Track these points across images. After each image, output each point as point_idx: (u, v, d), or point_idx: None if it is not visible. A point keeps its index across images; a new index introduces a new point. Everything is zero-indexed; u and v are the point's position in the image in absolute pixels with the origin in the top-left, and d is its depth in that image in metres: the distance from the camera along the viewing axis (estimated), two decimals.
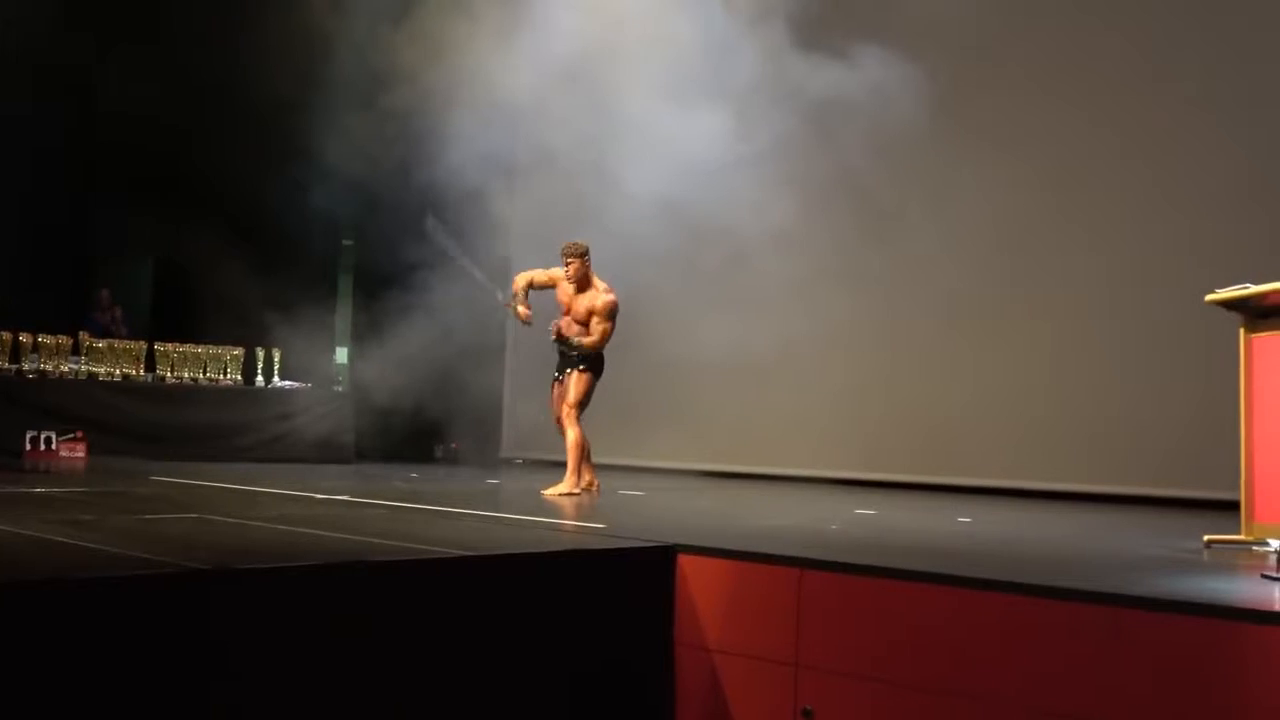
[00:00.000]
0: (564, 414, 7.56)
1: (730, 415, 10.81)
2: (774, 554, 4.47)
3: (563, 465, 7.68)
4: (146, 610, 3.26)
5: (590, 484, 7.76)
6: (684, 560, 4.59)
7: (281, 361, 11.30)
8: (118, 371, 10.55)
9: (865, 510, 7.20)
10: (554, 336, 7.58)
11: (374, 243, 12.12)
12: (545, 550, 4.49)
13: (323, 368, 12.13)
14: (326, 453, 10.87)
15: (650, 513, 6.76)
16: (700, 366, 10.67)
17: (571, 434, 7.57)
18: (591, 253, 7.60)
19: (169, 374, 10.76)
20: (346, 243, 13.13)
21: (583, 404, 7.58)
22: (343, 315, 13.08)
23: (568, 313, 7.66)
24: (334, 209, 11.42)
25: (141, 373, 10.68)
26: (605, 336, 7.54)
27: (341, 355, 12.96)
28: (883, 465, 9.90)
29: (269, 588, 3.54)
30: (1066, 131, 9.26)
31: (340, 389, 11.87)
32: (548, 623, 4.23)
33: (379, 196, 11.03)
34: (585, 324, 7.60)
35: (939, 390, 9.76)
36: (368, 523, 5.40)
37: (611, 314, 7.54)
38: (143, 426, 10.20)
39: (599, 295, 7.56)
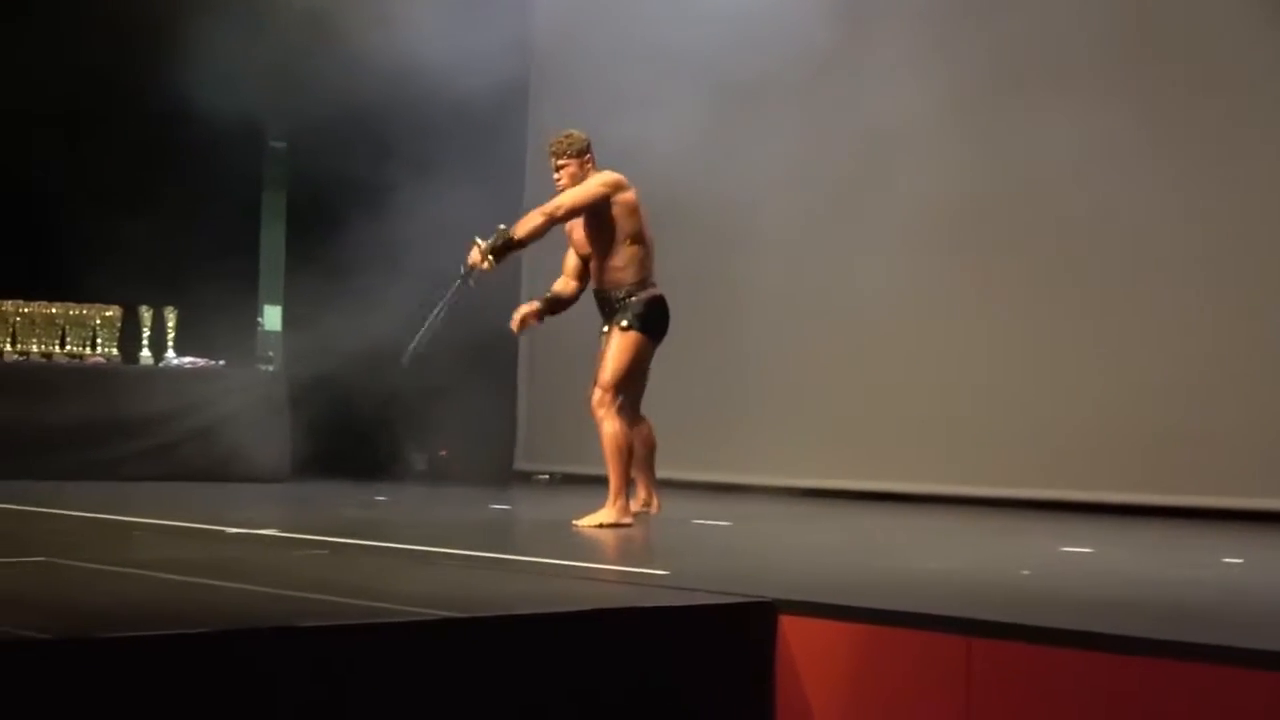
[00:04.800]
0: (595, 400, 7.55)
1: (848, 413, 10.96)
2: (929, 614, 4.43)
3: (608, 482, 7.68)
4: None
5: (648, 504, 7.74)
6: (789, 624, 4.57)
7: (179, 326, 11.32)
8: None
9: (1075, 548, 7.17)
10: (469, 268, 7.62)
11: (318, 145, 12.10)
12: (572, 610, 4.45)
13: (243, 336, 12.15)
14: (248, 465, 10.90)
15: (738, 552, 6.82)
16: (803, 347, 11.01)
17: (608, 428, 7.55)
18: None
19: (8, 347, 10.83)
20: (276, 145, 13.11)
21: (623, 383, 7.56)
22: (271, 257, 13.08)
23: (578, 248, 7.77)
24: (255, 97, 11.40)
25: None
26: (586, 199, 7.60)
27: (271, 317, 12.99)
28: (1078, 479, 10.04)
29: (137, 667, 3.50)
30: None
31: (270, 368, 11.89)
32: (577, 717, 4.18)
33: (323, 77, 11.01)
34: (602, 257, 7.68)
35: (1148, 378, 9.89)
36: (300, 570, 5.41)
37: (598, 182, 7.64)
38: None
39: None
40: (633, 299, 7.64)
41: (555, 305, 7.96)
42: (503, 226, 7.59)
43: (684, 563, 5.95)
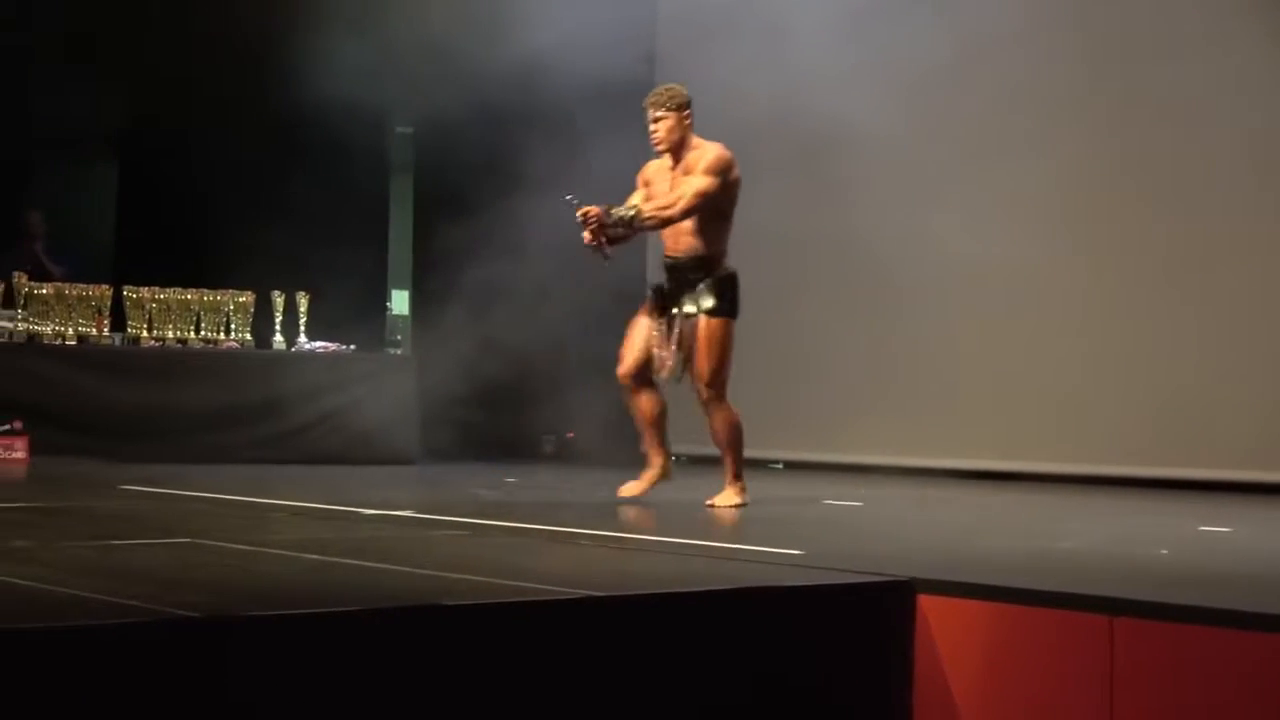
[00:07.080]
0: (705, 398, 7.42)
1: (978, 393, 10.90)
2: (1069, 593, 4.41)
3: (746, 461, 7.69)
4: (112, 676, 3.29)
5: (666, 471, 7.69)
6: (927, 603, 4.57)
7: (311, 312, 11.44)
8: (70, 331, 10.81)
9: (1213, 527, 7.10)
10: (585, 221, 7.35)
11: (442, 129, 12.16)
12: (712, 589, 4.46)
13: (372, 320, 12.24)
14: (379, 448, 10.99)
15: (871, 532, 6.79)
16: (932, 326, 10.97)
17: (722, 416, 7.47)
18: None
19: (144, 333, 10.99)
20: (402, 130, 13.19)
21: (726, 375, 7.42)
22: (400, 240, 13.18)
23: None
24: (380, 83, 11.49)
25: (105, 333, 10.93)
26: (700, 198, 7.25)
27: (400, 302, 13.08)
28: (1212, 458, 9.96)
29: (291, 644, 3.56)
30: None
31: (399, 352, 11.99)
32: (714, 697, 4.21)
33: (445, 60, 11.06)
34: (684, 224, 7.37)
35: None
36: (440, 550, 5.46)
37: (720, 168, 7.30)
38: (107, 413, 10.42)
39: (706, 154, 7.34)
40: (714, 276, 7.39)
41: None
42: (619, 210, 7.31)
43: (818, 543, 5.94)
